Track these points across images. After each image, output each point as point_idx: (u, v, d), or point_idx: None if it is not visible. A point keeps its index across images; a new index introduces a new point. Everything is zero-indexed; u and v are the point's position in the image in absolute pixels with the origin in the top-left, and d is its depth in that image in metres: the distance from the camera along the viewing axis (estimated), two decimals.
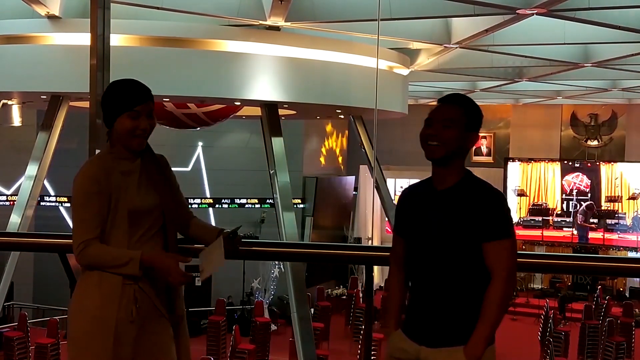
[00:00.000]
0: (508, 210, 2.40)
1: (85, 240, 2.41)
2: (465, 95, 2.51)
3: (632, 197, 20.62)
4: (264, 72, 10.52)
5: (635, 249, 19.73)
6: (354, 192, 22.51)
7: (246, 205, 19.15)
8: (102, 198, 2.42)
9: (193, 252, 2.73)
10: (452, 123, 2.37)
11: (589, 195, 21.14)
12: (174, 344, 2.58)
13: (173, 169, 2.71)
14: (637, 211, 20.38)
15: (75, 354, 2.48)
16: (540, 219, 21.03)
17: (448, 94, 2.50)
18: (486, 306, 2.30)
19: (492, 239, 2.31)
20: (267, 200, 18.67)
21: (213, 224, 16.77)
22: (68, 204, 17.19)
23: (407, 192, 2.57)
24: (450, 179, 2.40)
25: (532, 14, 8.67)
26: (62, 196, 17.18)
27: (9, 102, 13.81)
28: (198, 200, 18.42)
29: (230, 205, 18.99)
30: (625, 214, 20.68)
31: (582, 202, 21.10)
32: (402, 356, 2.47)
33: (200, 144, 19.04)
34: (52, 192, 17.21)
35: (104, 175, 2.43)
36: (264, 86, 10.53)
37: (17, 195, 12.86)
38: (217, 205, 18.84)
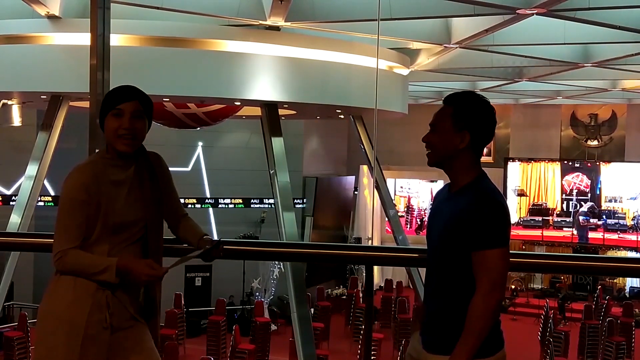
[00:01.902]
0: (500, 219, 2.28)
1: (64, 250, 2.39)
2: (468, 93, 2.40)
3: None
4: (264, 72, 10.51)
5: (635, 249, 19.73)
6: (354, 192, 22.52)
7: (246, 205, 19.16)
8: (89, 207, 2.38)
9: (181, 253, 2.72)
10: (436, 127, 2.35)
11: (589, 195, 21.15)
12: (153, 347, 2.56)
13: (173, 169, 2.68)
14: (637, 211, 20.39)
15: (42, 355, 2.45)
16: (540, 219, 21.04)
17: (452, 92, 2.43)
18: (468, 318, 2.25)
19: (479, 248, 2.24)
20: (251, 200, 18.67)
21: (213, 224, 16.70)
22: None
23: (436, 194, 2.57)
24: (460, 182, 2.35)
25: (532, 14, 8.67)
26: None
27: (9, 102, 13.79)
28: (198, 200, 18.43)
29: (230, 205, 18.99)
30: (625, 214, 20.69)
31: (582, 202, 21.11)
32: (414, 355, 2.51)
33: (200, 144, 19.04)
34: (52, 192, 17.20)
35: (95, 183, 2.39)
36: (264, 86, 10.53)
37: (16, 195, 12.88)
38: (217, 205, 18.85)
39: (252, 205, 19.10)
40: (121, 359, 2.48)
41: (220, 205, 18.84)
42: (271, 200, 18.49)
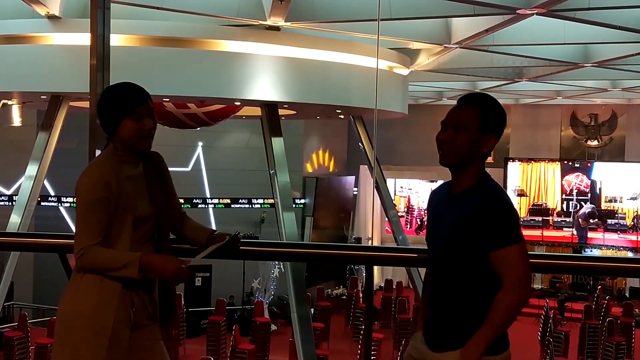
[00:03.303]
0: (514, 217, 2.29)
1: (86, 246, 2.39)
2: (487, 96, 2.39)
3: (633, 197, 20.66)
4: (264, 72, 10.52)
5: (635, 249, 19.73)
6: (354, 192, 22.52)
7: (246, 205, 19.14)
8: (110, 203, 2.39)
9: (184, 253, 2.74)
10: (464, 127, 2.30)
11: (589, 195, 21.15)
12: (163, 348, 2.58)
13: (173, 169, 2.69)
14: (637, 211, 20.39)
15: (65, 355, 2.45)
16: (540, 219, 21.03)
17: (468, 93, 2.39)
18: (493, 310, 2.24)
19: (498, 247, 2.24)
20: (239, 200, 18.61)
21: (213, 224, 16.69)
22: (66, 205, 17.19)
23: (432, 193, 2.54)
24: (465, 183, 2.34)
25: (532, 14, 8.68)
26: (62, 196, 17.20)
27: (9, 102, 13.80)
28: (198, 201, 18.42)
29: (229, 205, 18.97)
30: (625, 213, 20.68)
31: (583, 202, 21.11)
32: (416, 356, 2.50)
33: (200, 144, 19.04)
34: (52, 192, 17.20)
35: (115, 180, 2.41)
36: (264, 86, 10.53)
37: (16, 195, 12.88)
38: (217, 205, 18.83)
39: (232, 206, 18.94)
40: (136, 357, 2.50)
41: (218, 205, 18.79)
42: (260, 201, 18.64)
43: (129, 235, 2.45)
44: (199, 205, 18.43)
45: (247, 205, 18.99)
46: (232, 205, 18.91)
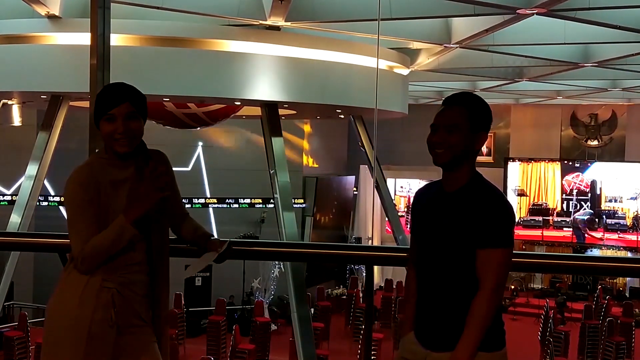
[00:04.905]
0: (509, 218, 2.31)
1: (81, 250, 2.39)
2: (471, 94, 2.43)
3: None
4: (264, 72, 10.52)
5: (635, 249, 19.73)
6: (354, 192, 22.52)
7: (246, 205, 19.13)
8: (94, 205, 2.39)
9: (184, 253, 2.74)
10: (455, 128, 2.32)
11: (589, 195, 21.16)
12: (157, 350, 2.56)
13: (173, 168, 2.67)
14: (637, 211, 20.40)
15: (48, 353, 2.48)
16: (540, 219, 21.04)
17: (452, 94, 2.42)
18: (473, 314, 2.28)
19: (485, 246, 2.26)
20: (226, 200, 18.60)
21: (213, 224, 16.63)
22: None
23: (419, 193, 2.55)
24: (458, 181, 2.36)
25: (532, 14, 8.68)
26: (62, 196, 17.20)
27: (9, 102, 13.81)
28: (198, 200, 18.41)
29: (230, 205, 18.96)
30: (625, 213, 20.69)
31: (582, 202, 21.12)
32: (410, 358, 2.49)
33: (200, 144, 19.03)
34: (52, 192, 17.20)
35: (94, 183, 2.40)
36: (264, 86, 10.53)
37: (16, 195, 12.89)
38: (217, 205, 18.83)
39: (232, 205, 18.88)
40: (127, 359, 2.49)
41: (218, 205, 18.75)
42: (248, 200, 18.61)
43: None
44: (199, 205, 18.42)
45: (246, 205, 18.97)
46: (232, 205, 18.90)
